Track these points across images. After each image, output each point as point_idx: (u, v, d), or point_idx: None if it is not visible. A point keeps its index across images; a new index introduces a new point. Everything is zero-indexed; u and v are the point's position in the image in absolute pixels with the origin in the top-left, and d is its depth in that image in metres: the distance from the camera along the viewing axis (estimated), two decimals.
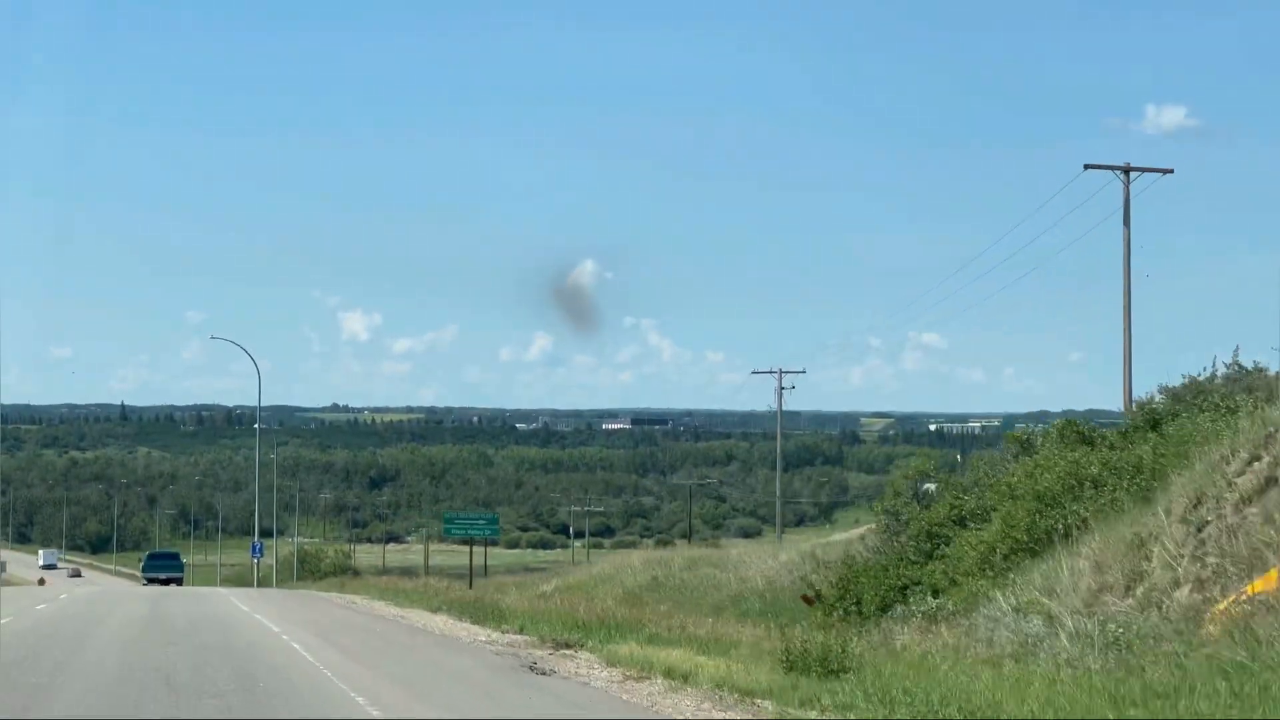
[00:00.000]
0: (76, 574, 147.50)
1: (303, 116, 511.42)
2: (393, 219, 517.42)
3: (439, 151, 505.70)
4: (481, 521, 68.93)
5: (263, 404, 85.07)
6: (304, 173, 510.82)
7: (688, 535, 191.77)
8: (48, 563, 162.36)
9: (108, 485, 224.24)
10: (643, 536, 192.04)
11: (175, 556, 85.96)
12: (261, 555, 79.99)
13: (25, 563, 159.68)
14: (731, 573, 54.42)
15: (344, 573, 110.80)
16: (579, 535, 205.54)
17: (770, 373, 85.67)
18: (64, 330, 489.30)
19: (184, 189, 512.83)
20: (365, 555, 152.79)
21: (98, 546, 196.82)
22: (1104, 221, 56.24)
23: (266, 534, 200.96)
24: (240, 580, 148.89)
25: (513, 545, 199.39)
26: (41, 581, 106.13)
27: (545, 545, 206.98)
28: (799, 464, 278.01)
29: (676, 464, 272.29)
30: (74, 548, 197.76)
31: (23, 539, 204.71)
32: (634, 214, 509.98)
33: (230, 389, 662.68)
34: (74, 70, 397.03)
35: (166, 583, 73.31)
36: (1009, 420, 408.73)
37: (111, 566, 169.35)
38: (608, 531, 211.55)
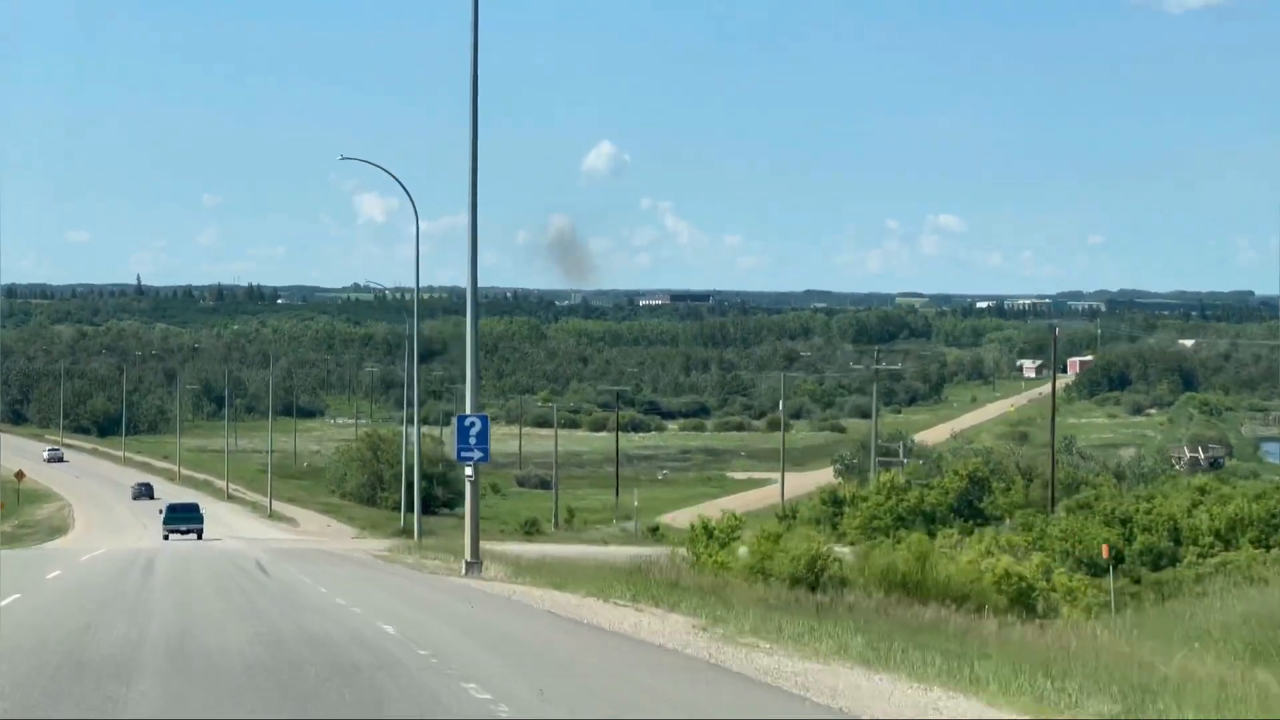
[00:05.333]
0: None
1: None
2: (406, 102, 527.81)
3: (447, 33, 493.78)
4: None
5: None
6: (317, 58, 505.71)
7: (798, 414, 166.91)
8: None
9: (119, 358, 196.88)
10: (747, 415, 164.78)
11: (194, 508, 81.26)
12: (487, 455, 37.06)
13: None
14: None
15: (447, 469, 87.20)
16: (670, 415, 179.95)
17: None
18: (80, 214, 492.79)
19: (199, 73, 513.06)
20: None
21: (105, 428, 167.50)
22: None
23: (305, 414, 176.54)
24: (283, 469, 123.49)
25: (598, 428, 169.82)
26: (19, 475, 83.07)
27: (637, 427, 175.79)
28: (883, 338, 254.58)
29: (749, 338, 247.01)
30: (78, 429, 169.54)
31: (17, 418, 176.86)
32: (651, 97, 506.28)
33: (247, 271, 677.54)
34: None
35: (186, 533, 72.93)
36: (1059, 301, 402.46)
37: (121, 453, 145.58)
38: (702, 411, 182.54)
